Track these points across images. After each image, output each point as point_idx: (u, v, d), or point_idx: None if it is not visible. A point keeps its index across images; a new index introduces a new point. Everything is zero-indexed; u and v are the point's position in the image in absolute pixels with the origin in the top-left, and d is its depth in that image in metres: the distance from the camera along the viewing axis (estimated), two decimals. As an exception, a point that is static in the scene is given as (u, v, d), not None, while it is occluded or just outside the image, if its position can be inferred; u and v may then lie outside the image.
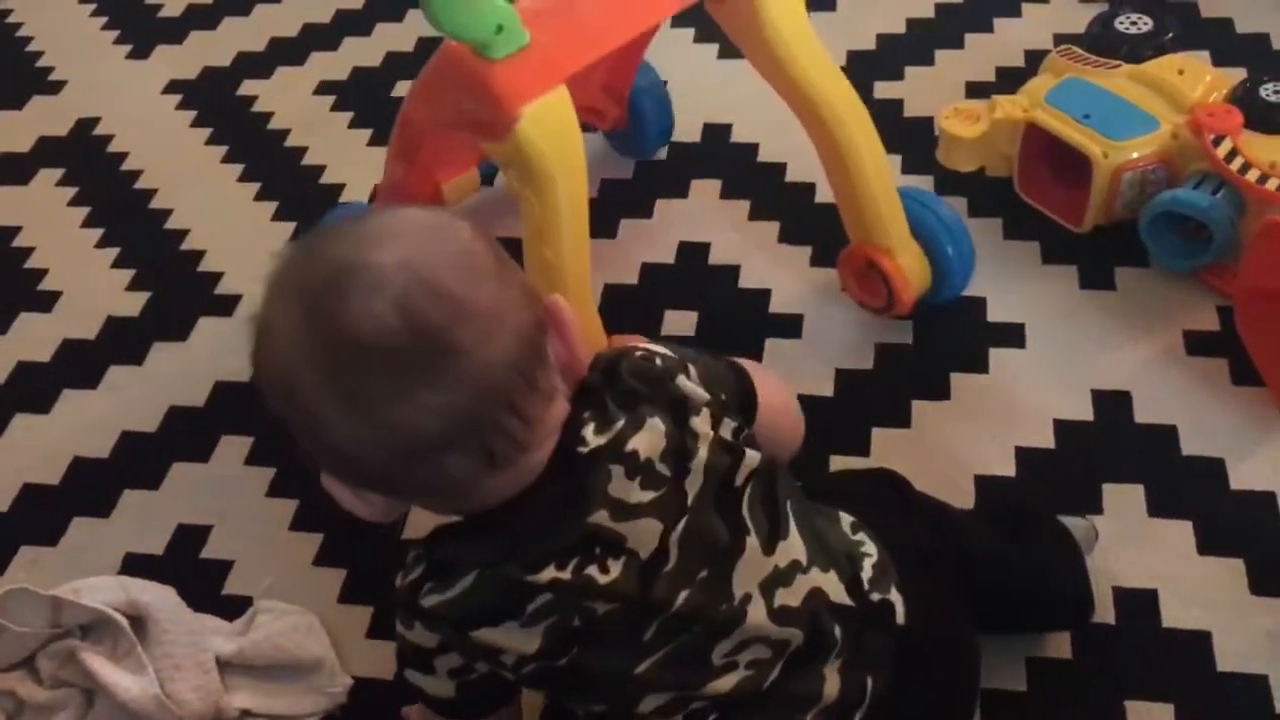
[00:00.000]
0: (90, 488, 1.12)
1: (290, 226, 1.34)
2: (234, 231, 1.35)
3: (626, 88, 1.27)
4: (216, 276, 1.30)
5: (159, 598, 0.97)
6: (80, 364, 1.23)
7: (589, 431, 0.66)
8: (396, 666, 0.76)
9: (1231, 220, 1.07)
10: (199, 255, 1.33)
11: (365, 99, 1.50)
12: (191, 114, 1.53)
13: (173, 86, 1.57)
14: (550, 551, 0.66)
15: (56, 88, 1.61)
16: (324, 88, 1.53)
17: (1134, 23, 1.23)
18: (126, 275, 1.32)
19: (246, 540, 1.06)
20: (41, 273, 1.34)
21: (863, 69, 1.41)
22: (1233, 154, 1.06)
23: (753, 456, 0.71)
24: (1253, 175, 1.05)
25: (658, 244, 1.26)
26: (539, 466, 0.66)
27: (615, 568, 0.67)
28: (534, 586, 0.66)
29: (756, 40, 1.00)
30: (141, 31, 1.68)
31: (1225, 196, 1.07)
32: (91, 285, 1.32)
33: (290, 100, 1.52)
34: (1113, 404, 1.05)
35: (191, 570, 1.03)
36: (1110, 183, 1.11)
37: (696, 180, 1.32)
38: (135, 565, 1.04)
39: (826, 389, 1.09)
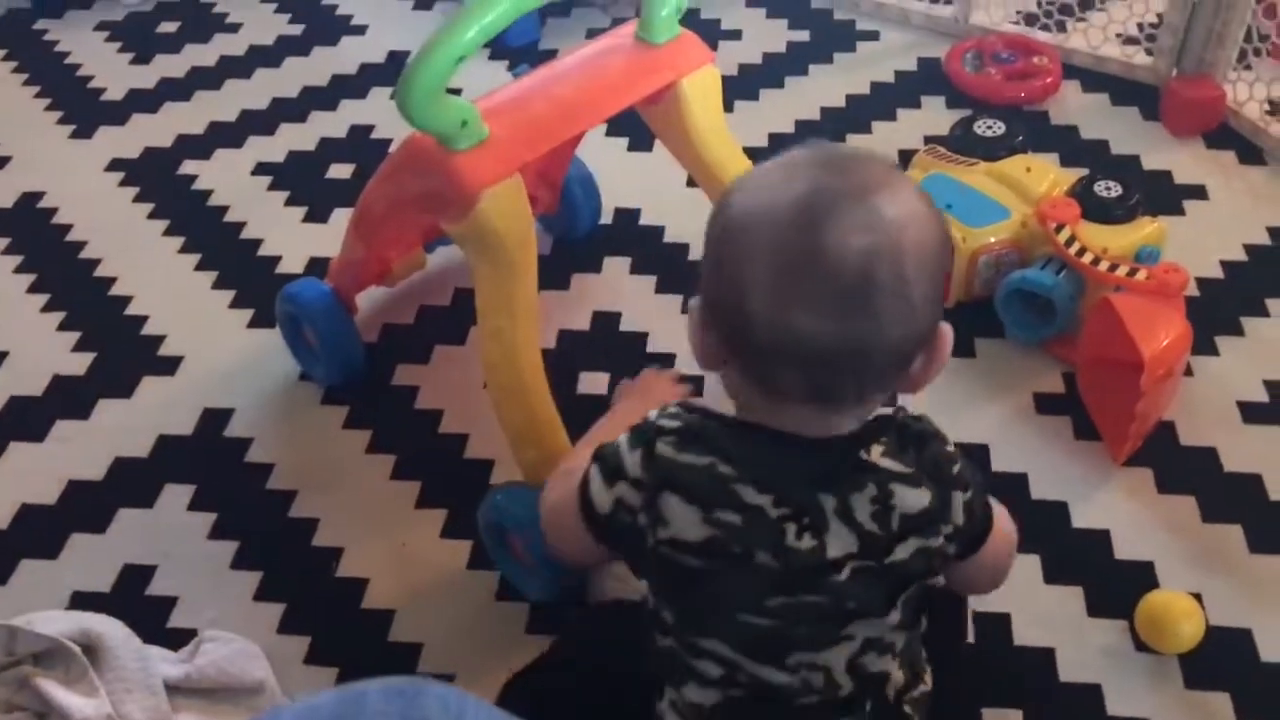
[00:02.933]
0: (39, 532, 1.18)
1: (230, 294, 1.44)
2: (176, 299, 1.44)
3: (560, 177, 1.40)
4: (159, 339, 1.38)
5: (109, 627, 1.03)
6: (28, 418, 1.30)
7: (877, 450, 0.75)
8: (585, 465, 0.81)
9: (1072, 296, 1.23)
10: (142, 320, 1.41)
11: (301, 179, 1.61)
12: (134, 190, 1.61)
13: (115, 165, 1.66)
14: (778, 490, 0.74)
15: (0, 163, 1.69)
16: (261, 168, 1.63)
17: (990, 127, 1.41)
18: (72, 337, 1.39)
19: (190, 578, 1.13)
20: (-13, 334, 1.41)
21: (758, 162, 1.56)
22: (1071, 240, 1.22)
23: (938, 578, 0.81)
24: (1088, 258, 1.21)
25: (573, 313, 1.37)
26: (827, 431, 0.75)
27: (804, 543, 0.74)
28: (738, 501, 0.74)
29: (681, 138, 1.13)
30: (84, 113, 1.77)
31: (1067, 276, 1.23)
32: (38, 346, 1.39)
33: (229, 179, 1.62)
34: (973, 455, 1.16)
35: (137, 606, 1.10)
36: (969, 264, 1.27)
37: (609, 257, 1.45)
38: (83, 602, 1.11)
39: (724, 442, 1.22)
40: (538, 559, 1.03)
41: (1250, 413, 1.22)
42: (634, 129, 1.63)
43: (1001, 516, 0.84)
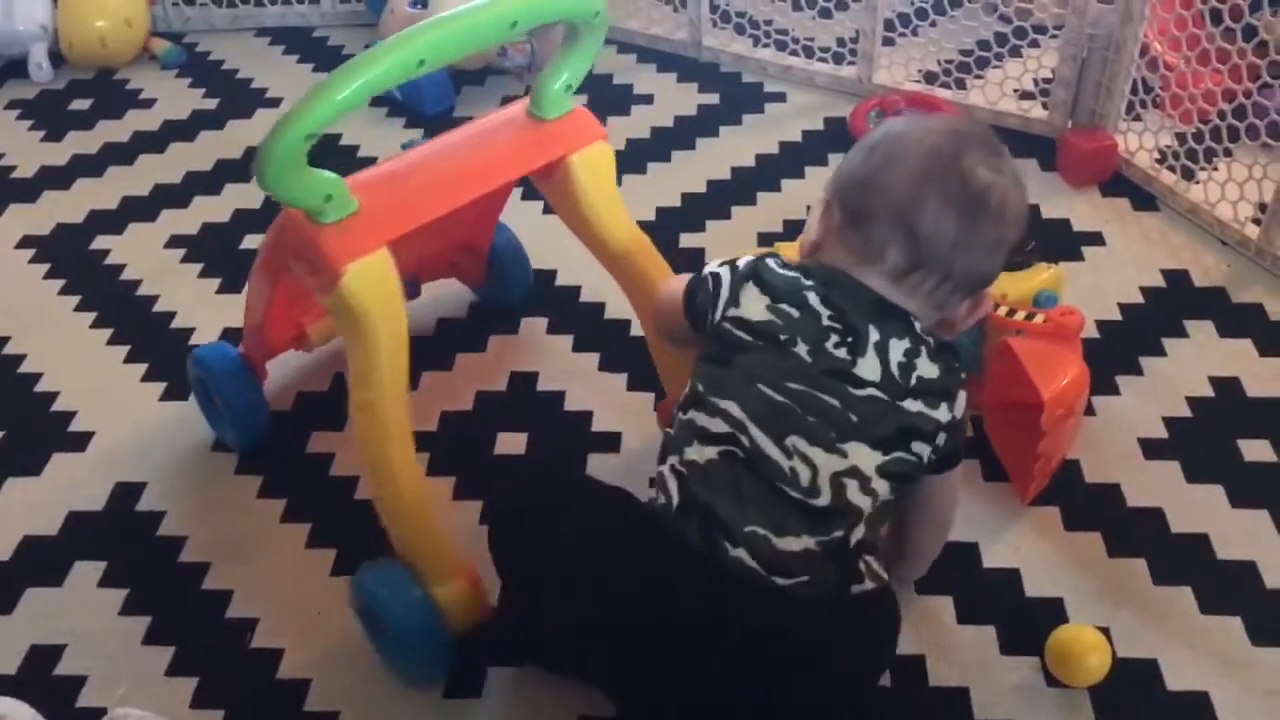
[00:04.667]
0: (-58, 615, 1.15)
1: (143, 368, 1.42)
2: (87, 375, 1.42)
3: (485, 246, 1.40)
4: (70, 415, 1.37)
5: (14, 709, 1.01)
6: (-68, 500, 1.27)
7: (919, 326, 0.95)
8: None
9: (975, 341, 1.26)
10: (52, 397, 1.40)
11: (215, 251, 1.61)
12: (45, 267, 1.60)
13: (26, 242, 1.65)
14: (838, 309, 0.93)
15: (-94, 244, 1.66)
16: (175, 241, 1.63)
17: (891, 181, 1.44)
18: (-22, 416, 1.37)
19: (99, 657, 1.11)
20: (-108, 416, 1.38)
21: (670, 222, 1.60)
22: (971, 287, 1.26)
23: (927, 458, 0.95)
24: (987, 304, 1.25)
25: (491, 374, 1.38)
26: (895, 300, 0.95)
27: (839, 354, 0.92)
28: (802, 302, 0.93)
29: (572, 212, 1.14)
30: (-6, 191, 1.76)
31: (968, 323, 1.27)
32: (-57, 426, 1.36)
33: (142, 253, 1.61)
34: (886, 501, 1.21)
35: (45, 687, 1.08)
36: (875, 313, 1.30)
37: (526, 318, 1.46)
38: (-12, 685, 1.08)
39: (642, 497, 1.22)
40: (409, 639, 1.02)
41: (1151, 449, 1.25)
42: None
43: (959, 473, 1.01)
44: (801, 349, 0.92)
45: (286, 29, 2.15)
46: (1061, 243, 1.52)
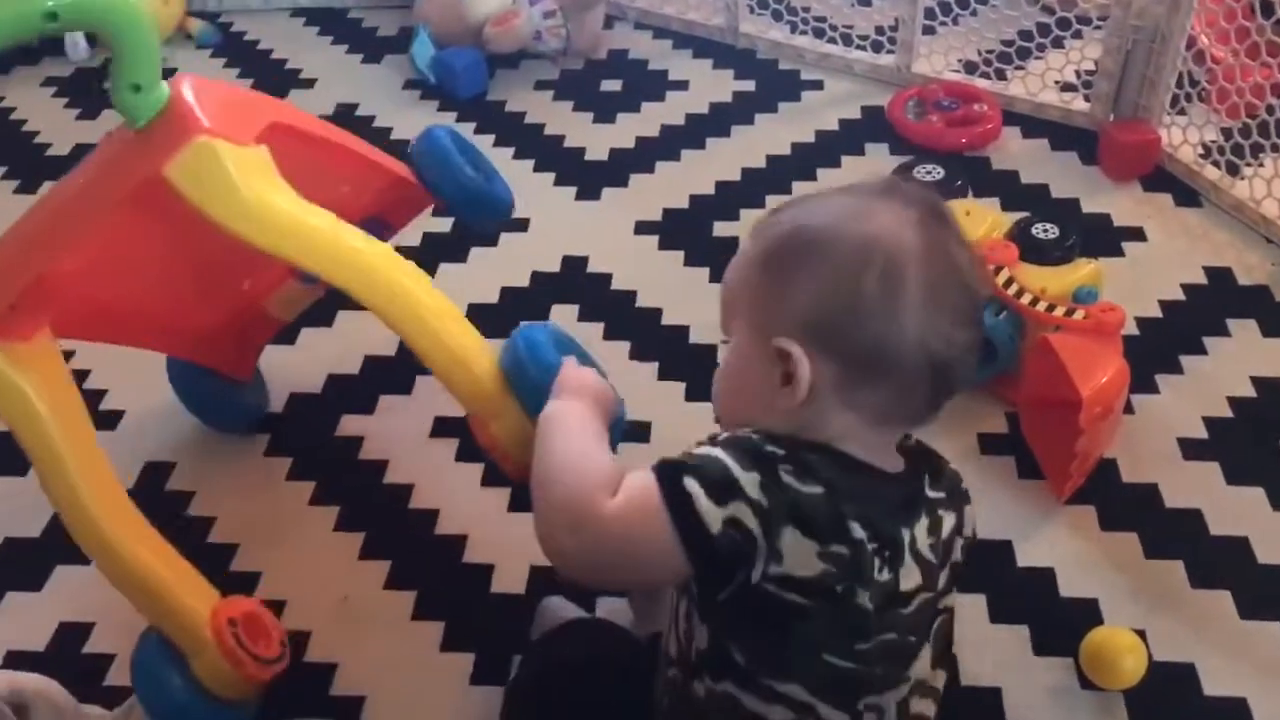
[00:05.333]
0: (-28, 591, 1.16)
1: (174, 347, 1.43)
2: (117, 353, 1.40)
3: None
4: (100, 394, 1.37)
5: (42, 685, 1.01)
6: (-38, 478, 1.28)
7: (928, 482, 0.80)
8: (664, 478, 0.73)
9: (1011, 337, 1.24)
10: (83, 374, 1.39)
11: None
12: (78, 244, 1.61)
13: (60, 219, 1.66)
14: (869, 523, 0.73)
15: (-58, 219, 1.67)
16: (208, 222, 1.63)
17: (929, 173, 1.43)
18: (11, 393, 1.38)
19: (128, 635, 1.09)
20: (-75, 391, 1.39)
21: (704, 211, 1.58)
22: (1010, 281, 1.24)
23: (954, 598, 0.83)
24: (1026, 299, 1.22)
25: (520, 361, 1.37)
26: (895, 464, 0.79)
27: (883, 576, 0.74)
28: (847, 535, 0.72)
29: (218, 230, 0.90)
30: (30, 168, 1.76)
31: (1006, 317, 1.24)
32: (-24, 402, 1.37)
33: (175, 233, 1.62)
34: (919, 496, 1.19)
35: (74, 665, 1.08)
36: (912, 306, 1.28)
37: (556, 305, 1.45)
38: (17, 662, 1.08)
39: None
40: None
41: (1190, 449, 1.23)
42: (580, 176, 1.65)
43: None
44: (862, 596, 0.73)
45: (320, 9, 2.14)
46: (1102, 238, 1.50)
